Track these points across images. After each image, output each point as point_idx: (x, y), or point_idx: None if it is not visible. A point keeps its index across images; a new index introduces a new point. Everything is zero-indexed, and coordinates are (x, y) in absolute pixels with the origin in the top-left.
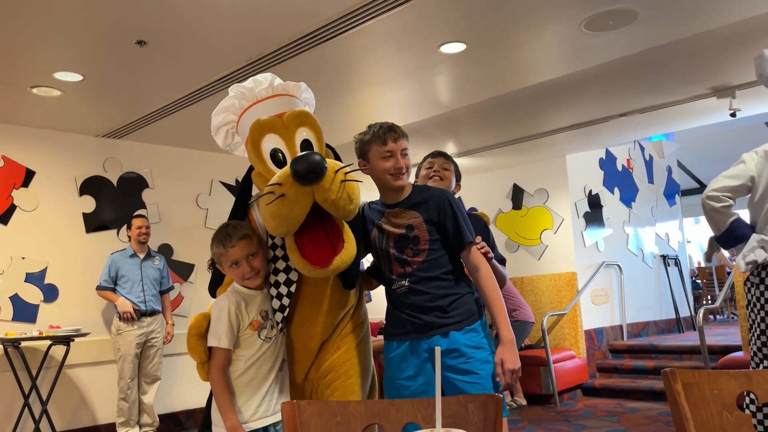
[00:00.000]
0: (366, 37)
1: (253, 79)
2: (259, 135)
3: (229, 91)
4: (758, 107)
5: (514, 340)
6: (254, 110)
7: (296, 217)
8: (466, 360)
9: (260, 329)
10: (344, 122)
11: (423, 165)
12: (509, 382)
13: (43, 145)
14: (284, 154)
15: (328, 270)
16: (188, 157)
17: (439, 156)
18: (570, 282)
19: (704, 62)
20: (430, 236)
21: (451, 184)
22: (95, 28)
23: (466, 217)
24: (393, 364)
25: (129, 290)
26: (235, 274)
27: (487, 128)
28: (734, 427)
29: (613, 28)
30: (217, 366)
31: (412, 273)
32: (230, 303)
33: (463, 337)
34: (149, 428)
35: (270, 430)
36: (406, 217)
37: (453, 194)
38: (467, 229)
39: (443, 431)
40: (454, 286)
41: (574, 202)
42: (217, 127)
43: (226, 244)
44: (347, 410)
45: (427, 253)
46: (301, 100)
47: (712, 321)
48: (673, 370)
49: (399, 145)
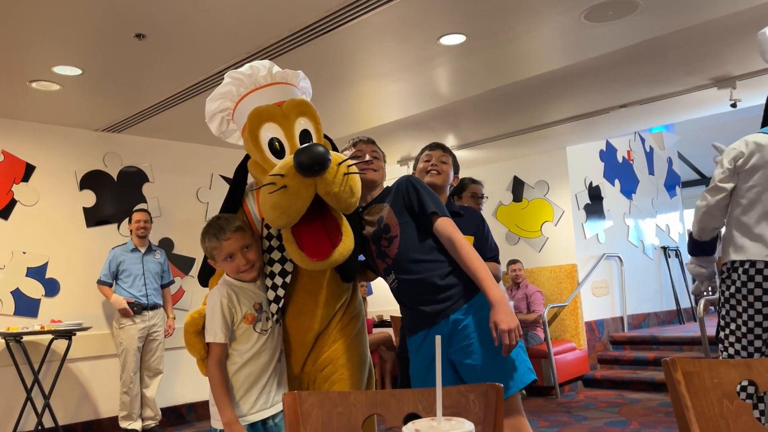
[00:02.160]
0: (365, 30)
1: (250, 65)
2: (258, 123)
3: (226, 77)
4: (759, 97)
5: (503, 298)
6: (252, 98)
7: (297, 209)
8: (471, 341)
9: (255, 322)
10: (344, 115)
11: (420, 158)
12: (508, 343)
13: (43, 139)
14: (282, 143)
15: (326, 263)
16: (188, 150)
17: (437, 148)
18: (570, 274)
19: (704, 53)
20: (398, 219)
21: (449, 178)
22: (94, 22)
23: (431, 192)
24: (413, 357)
25: (131, 284)
26: (229, 267)
27: (487, 120)
28: (734, 416)
29: (612, 18)
30: (214, 361)
31: (393, 263)
32: (222, 296)
33: (464, 316)
34: (151, 421)
35: (269, 422)
36: (377, 210)
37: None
38: (432, 201)
39: (444, 420)
40: (437, 263)
41: (575, 194)
42: (212, 113)
43: (219, 236)
44: (348, 400)
45: (399, 238)
46: (299, 89)
47: (713, 312)
48: (674, 359)
49: (368, 147)
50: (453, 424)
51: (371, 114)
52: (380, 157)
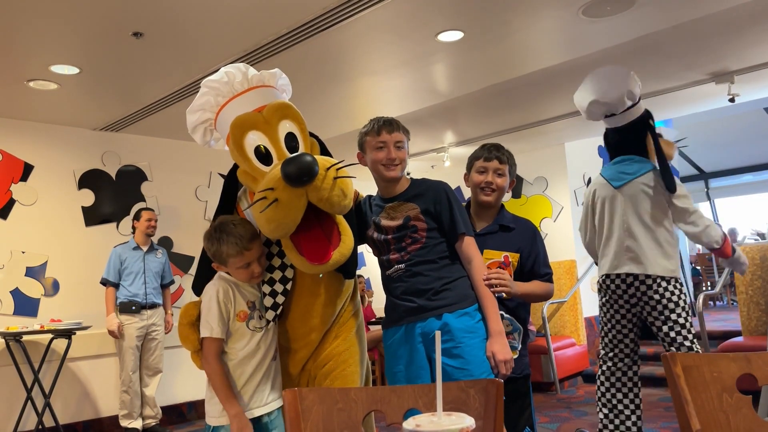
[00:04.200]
0: (362, 27)
1: (225, 71)
2: (241, 133)
3: (202, 87)
4: (757, 92)
5: (503, 331)
6: (232, 106)
7: (292, 219)
8: (456, 344)
9: (248, 320)
10: (342, 113)
11: (475, 165)
12: (503, 373)
13: (41, 138)
14: (268, 149)
15: (328, 265)
16: (187, 149)
17: (493, 159)
18: (570, 270)
19: (702, 47)
20: (427, 225)
21: (504, 192)
22: (91, 21)
23: (462, 208)
24: (390, 353)
25: (131, 282)
26: (243, 274)
27: (485, 117)
28: (734, 409)
29: (610, 13)
30: (212, 355)
31: (409, 258)
32: (218, 289)
33: (456, 320)
34: (152, 420)
35: (263, 419)
36: (405, 209)
37: (449, 186)
38: (462, 220)
39: (444, 415)
40: (450, 269)
41: (574, 190)
42: (193, 125)
43: (242, 245)
44: (349, 397)
45: (425, 240)
46: (278, 89)
47: (712, 307)
48: (673, 353)
49: (393, 137)
50: (453, 419)
51: (369, 111)
52: (404, 144)
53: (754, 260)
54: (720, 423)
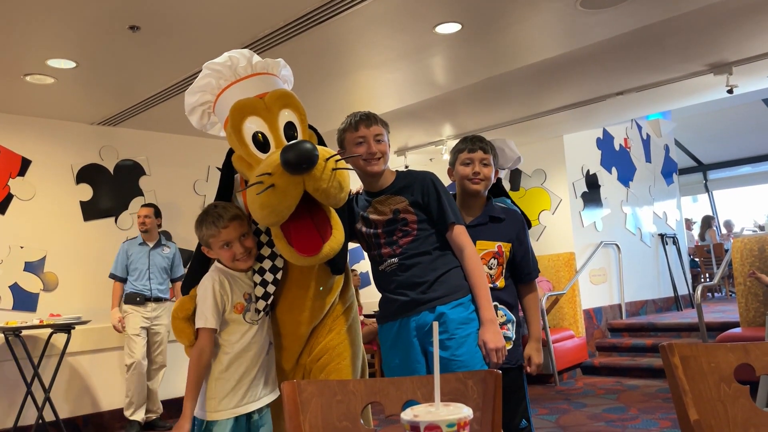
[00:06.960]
0: (360, 19)
1: (228, 55)
2: (241, 117)
3: (203, 69)
4: (755, 84)
5: (495, 319)
6: (233, 90)
7: (287, 207)
8: (450, 336)
9: (244, 312)
10: (339, 106)
11: (459, 157)
12: (495, 361)
13: (39, 133)
14: (267, 136)
15: (317, 258)
16: (185, 143)
17: (477, 149)
18: (568, 262)
19: (701, 39)
20: (417, 217)
21: (492, 180)
22: (87, 14)
23: (450, 198)
24: (386, 348)
25: (136, 278)
26: (226, 255)
27: (483, 109)
28: (732, 399)
29: (608, 5)
30: (200, 346)
31: (402, 252)
32: (214, 281)
33: (450, 311)
34: (153, 414)
35: (253, 416)
36: (393, 202)
37: (436, 176)
38: (451, 209)
39: (442, 406)
40: (443, 259)
41: (572, 182)
42: (192, 106)
43: (218, 224)
44: (347, 389)
45: (416, 233)
46: (280, 78)
47: (710, 298)
48: (671, 343)
49: (372, 131)
50: (451, 410)
51: (367, 104)
52: (384, 137)
53: (753, 252)
54: (718, 413)
